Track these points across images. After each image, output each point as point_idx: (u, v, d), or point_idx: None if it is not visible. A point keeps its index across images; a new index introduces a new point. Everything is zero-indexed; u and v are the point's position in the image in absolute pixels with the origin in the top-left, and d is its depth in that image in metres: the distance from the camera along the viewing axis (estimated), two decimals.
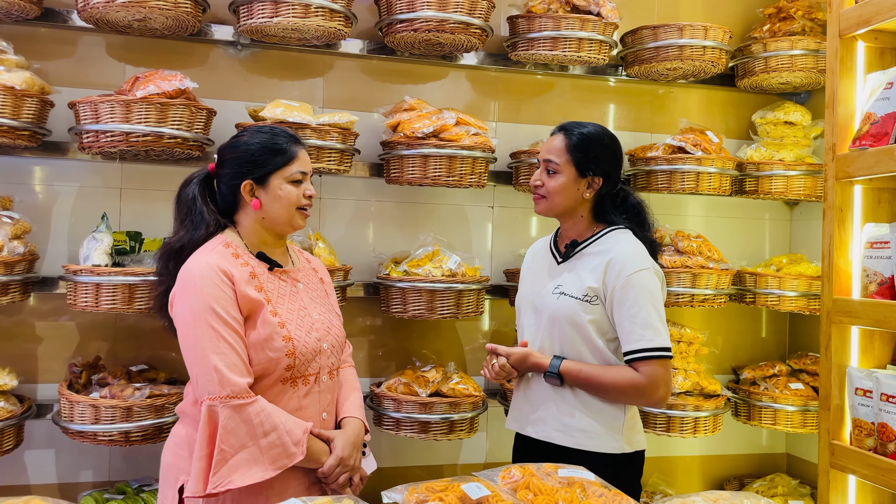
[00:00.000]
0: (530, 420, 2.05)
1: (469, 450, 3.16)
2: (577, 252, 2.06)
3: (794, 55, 3.05)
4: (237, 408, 1.64)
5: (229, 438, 1.63)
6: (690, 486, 3.40)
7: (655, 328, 1.90)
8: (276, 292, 1.79)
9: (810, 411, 3.05)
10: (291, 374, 1.76)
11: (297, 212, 1.84)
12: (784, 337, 3.55)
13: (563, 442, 1.97)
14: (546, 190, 2.04)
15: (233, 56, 2.92)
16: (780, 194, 3.13)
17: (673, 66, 3.00)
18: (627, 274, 1.93)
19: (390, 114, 2.86)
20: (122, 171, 2.79)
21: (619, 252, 1.97)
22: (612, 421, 1.97)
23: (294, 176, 1.83)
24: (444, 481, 1.32)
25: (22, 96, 2.37)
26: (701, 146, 3.00)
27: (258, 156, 1.82)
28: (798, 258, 3.25)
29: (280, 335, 1.73)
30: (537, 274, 2.15)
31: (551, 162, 2.03)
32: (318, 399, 1.82)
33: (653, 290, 1.94)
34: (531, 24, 2.85)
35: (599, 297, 1.96)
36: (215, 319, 1.67)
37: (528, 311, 2.11)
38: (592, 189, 2.04)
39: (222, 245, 1.80)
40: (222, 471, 1.61)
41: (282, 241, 1.92)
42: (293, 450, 1.67)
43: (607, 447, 1.96)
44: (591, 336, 1.96)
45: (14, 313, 2.70)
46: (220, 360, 1.65)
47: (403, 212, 3.09)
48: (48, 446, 2.71)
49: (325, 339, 1.84)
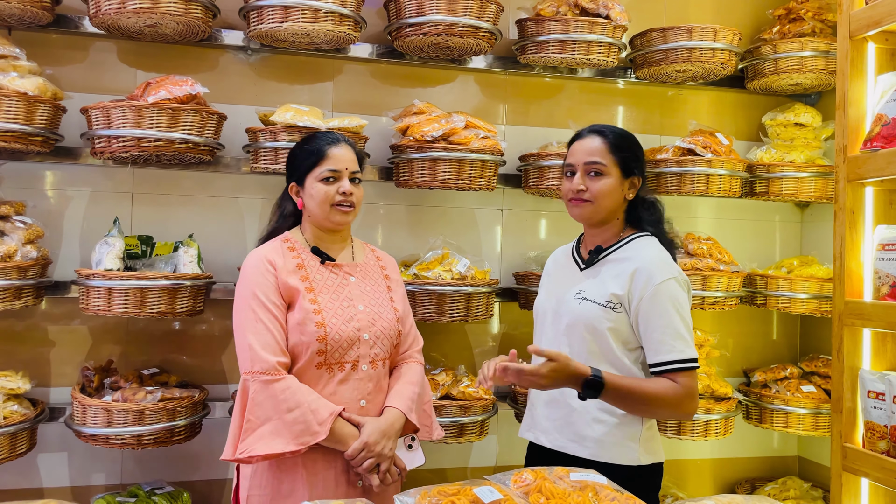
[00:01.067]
0: (544, 429, 2.00)
1: (479, 453, 3.16)
2: (601, 258, 2.00)
3: (805, 56, 3.04)
4: (265, 383, 1.79)
5: (256, 410, 1.78)
6: (701, 490, 3.39)
7: (684, 339, 1.86)
8: (321, 283, 1.93)
9: (822, 414, 3.04)
10: (325, 360, 1.87)
11: (332, 209, 1.96)
12: (795, 339, 3.53)
13: (578, 453, 1.92)
14: (591, 194, 1.94)
15: (242, 61, 2.93)
16: (790, 196, 3.11)
17: (682, 68, 2.99)
18: (655, 283, 1.87)
19: (399, 117, 2.87)
20: (134, 176, 2.81)
21: (646, 261, 1.91)
22: (630, 431, 1.91)
23: (323, 174, 1.95)
24: (457, 485, 1.32)
25: (35, 102, 2.39)
26: (711, 148, 2.99)
27: (298, 159, 2.01)
28: (809, 260, 3.24)
29: (313, 321, 1.85)
30: (558, 280, 2.10)
31: (596, 163, 1.94)
32: (355, 386, 1.90)
33: (680, 300, 1.89)
34: (540, 28, 2.85)
35: (623, 305, 1.90)
36: (256, 303, 1.85)
37: (547, 317, 2.05)
38: (634, 189, 1.99)
39: (281, 240, 1.99)
40: (249, 439, 1.77)
41: (337, 236, 2.04)
42: (316, 428, 1.76)
43: (623, 458, 1.89)
44: (609, 344, 1.90)
45: (27, 317, 2.72)
46: (255, 340, 1.82)
47: (412, 215, 3.09)
48: (60, 449, 2.73)
49: (366, 329, 1.93)
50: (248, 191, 2.92)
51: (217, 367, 2.90)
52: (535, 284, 2.91)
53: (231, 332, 2.85)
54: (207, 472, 2.88)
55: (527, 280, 2.96)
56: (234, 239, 2.90)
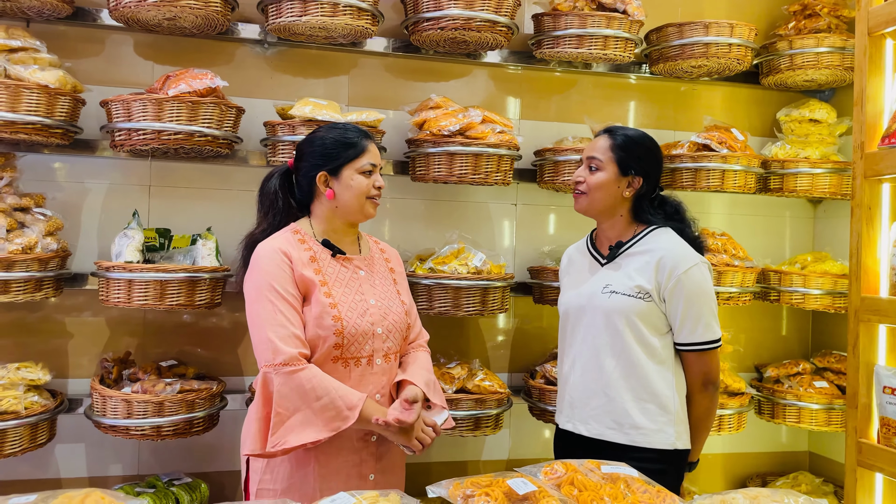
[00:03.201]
0: (583, 418, 2.09)
1: (492, 447, 3.18)
2: (622, 252, 2.11)
3: (820, 52, 3.04)
4: (289, 374, 1.77)
5: (283, 402, 1.77)
6: (713, 484, 3.41)
7: (706, 322, 2.03)
8: (334, 276, 1.92)
9: (835, 409, 3.05)
10: (341, 354, 1.87)
11: (367, 201, 1.97)
12: (807, 335, 3.54)
13: (617, 439, 2.03)
14: (587, 186, 2.11)
15: (259, 54, 2.94)
16: (805, 192, 3.12)
17: (698, 63, 2.99)
18: (679, 273, 2.02)
19: (416, 111, 2.87)
20: (152, 169, 2.82)
21: (667, 250, 2.05)
22: (667, 417, 2.03)
23: (364, 167, 1.96)
24: (489, 476, 1.33)
25: (55, 95, 2.39)
26: (726, 144, 2.99)
27: (332, 149, 1.97)
28: (823, 256, 3.24)
29: (330, 314, 1.85)
30: (580, 277, 2.19)
31: (594, 159, 2.10)
32: (371, 381, 1.91)
33: (703, 285, 2.05)
34: (557, 22, 2.85)
35: (652, 294, 2.02)
36: (274, 295, 1.83)
37: (577, 314, 2.14)
38: (632, 188, 2.10)
39: (291, 232, 1.96)
40: (280, 432, 1.76)
41: (353, 229, 2.04)
42: (347, 413, 1.77)
43: (661, 442, 2.01)
44: (642, 331, 2.03)
45: (45, 309, 2.73)
46: (275, 332, 1.80)
47: (427, 209, 3.10)
48: (78, 440, 2.75)
49: (379, 323, 1.93)
50: None
51: (233, 359, 2.91)
52: (549, 279, 2.92)
53: (246, 325, 2.88)
54: (223, 464, 2.90)
55: (541, 275, 2.97)
56: None
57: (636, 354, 2.02)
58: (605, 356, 2.05)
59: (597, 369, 2.06)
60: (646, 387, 2.02)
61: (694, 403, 2.07)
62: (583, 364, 2.10)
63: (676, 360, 2.08)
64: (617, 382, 2.03)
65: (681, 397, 2.06)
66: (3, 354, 2.66)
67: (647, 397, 2.02)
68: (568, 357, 2.16)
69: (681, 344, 2.05)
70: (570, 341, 2.15)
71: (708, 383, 2.06)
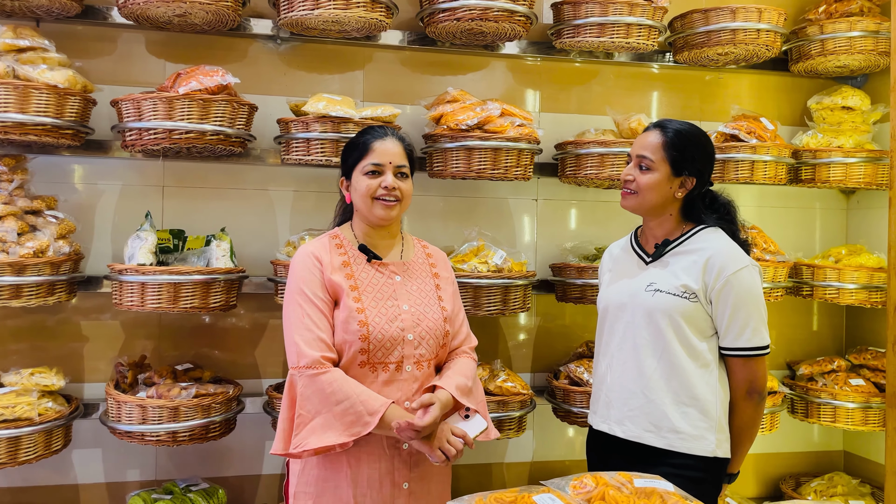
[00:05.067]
0: (618, 419, 2.01)
1: (515, 449, 3.10)
2: (668, 251, 2.02)
3: (853, 37, 2.92)
4: (311, 377, 1.79)
5: (306, 404, 1.79)
6: (745, 486, 3.30)
7: (755, 327, 1.93)
8: (366, 281, 1.91)
9: (872, 408, 2.93)
10: (368, 359, 1.85)
11: (374, 202, 1.92)
12: (840, 331, 3.42)
13: (654, 443, 1.94)
14: (637, 185, 2.00)
15: (272, 50, 2.88)
16: (838, 182, 3.00)
17: (725, 50, 2.89)
18: (728, 274, 1.92)
19: (432, 106, 2.79)
20: (164, 169, 2.77)
21: (717, 251, 1.95)
22: (706, 421, 1.93)
23: (366, 168, 1.93)
24: (513, 492, 1.26)
25: (65, 95, 2.35)
26: (755, 133, 2.88)
27: (345, 152, 2.00)
28: (858, 249, 3.12)
29: (356, 319, 1.84)
30: (623, 274, 2.10)
31: (645, 158, 1.99)
32: (399, 387, 1.87)
33: (753, 289, 1.94)
34: (577, 11, 2.76)
35: (698, 295, 1.93)
36: (303, 298, 1.85)
37: (617, 312, 2.05)
38: (685, 189, 2.00)
39: (330, 237, 1.99)
40: (302, 433, 1.78)
41: (385, 231, 1.99)
42: (367, 419, 1.76)
43: (699, 449, 1.92)
44: (685, 332, 1.94)
45: (59, 312, 2.70)
46: (301, 335, 1.82)
47: (446, 206, 3.02)
48: (95, 445, 2.71)
49: (410, 329, 1.89)
50: (279, 183, 2.87)
51: (250, 361, 2.86)
52: (572, 276, 2.83)
53: (262, 327, 2.85)
54: (240, 468, 2.85)
55: (564, 272, 2.88)
56: (265, 232, 2.85)
57: (678, 356, 1.93)
58: (645, 356, 1.96)
59: (636, 369, 1.97)
60: (687, 390, 1.92)
61: (737, 412, 1.96)
62: (622, 363, 2.00)
63: (721, 365, 1.98)
64: (657, 384, 1.94)
65: (723, 404, 1.96)
66: (18, 359, 2.63)
67: (688, 401, 1.92)
68: (605, 356, 2.07)
69: (726, 348, 1.95)
70: (609, 339, 2.06)
71: (753, 392, 1.95)
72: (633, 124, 2.86)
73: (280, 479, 2.89)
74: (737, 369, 1.96)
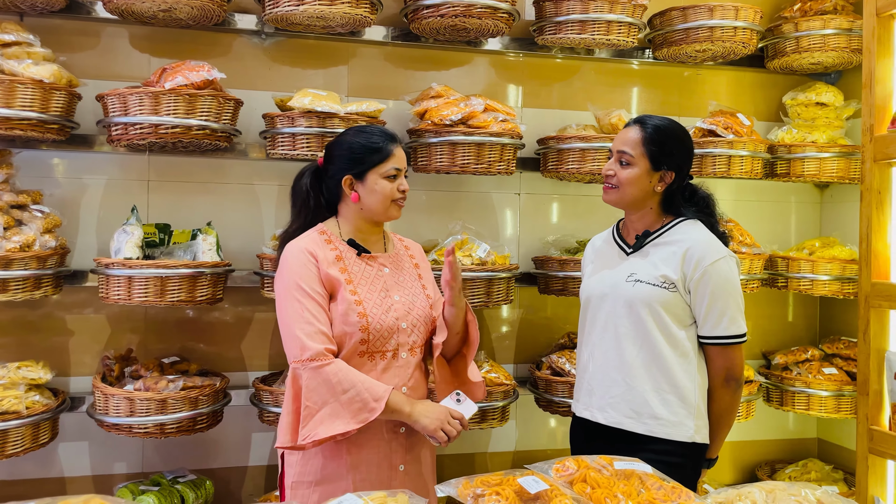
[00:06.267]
0: (600, 406, 2.06)
1: (498, 438, 3.15)
2: (648, 242, 2.07)
3: (827, 35, 2.99)
4: (316, 369, 1.83)
5: (312, 396, 1.83)
6: (722, 473, 3.38)
7: (732, 316, 1.99)
8: (359, 275, 1.97)
9: (844, 396, 3.02)
10: (367, 349, 1.92)
11: (392, 204, 2.00)
12: (814, 321, 3.51)
13: (635, 429, 2.00)
14: (618, 180, 2.05)
15: (256, 45, 2.89)
16: (812, 177, 3.08)
17: (702, 47, 2.95)
18: (706, 264, 1.98)
19: (417, 101, 2.83)
20: (150, 164, 2.78)
21: (695, 242, 2.01)
22: (685, 408, 1.99)
23: (389, 172, 1.98)
24: (499, 475, 1.30)
25: (50, 89, 2.35)
26: (732, 129, 2.95)
27: (358, 153, 1.99)
28: (831, 241, 3.20)
29: (355, 311, 1.90)
30: (605, 265, 2.15)
31: (625, 153, 2.04)
32: (396, 374, 1.95)
33: (731, 279, 2.00)
34: (559, 7, 2.80)
35: (677, 285, 1.99)
36: (300, 293, 1.88)
37: (599, 302, 2.11)
38: (664, 183, 2.06)
39: (317, 232, 2.01)
40: (310, 424, 1.82)
41: (378, 228, 2.08)
42: (373, 405, 1.82)
43: (679, 435, 1.98)
44: (665, 321, 1.99)
45: (45, 306, 2.71)
46: (302, 329, 1.85)
47: (429, 200, 3.06)
48: (81, 438, 2.73)
49: (404, 318, 1.97)
50: (265, 177, 2.89)
51: (236, 354, 2.89)
52: (554, 269, 2.88)
53: (248, 320, 2.87)
54: (228, 460, 2.88)
55: (546, 265, 2.93)
56: (251, 226, 2.88)
57: (659, 344, 1.99)
58: (626, 344, 2.02)
59: (618, 357, 2.03)
60: (667, 377, 1.98)
61: (715, 398, 2.03)
62: (603, 352, 2.06)
63: (700, 353, 2.04)
64: (638, 371, 2.00)
65: (702, 391, 2.02)
66: (4, 353, 2.63)
67: (667, 388, 1.98)
68: (587, 345, 2.13)
69: (704, 337, 2.02)
70: (591, 329, 2.12)
71: (730, 379, 2.02)
72: (613, 120, 2.92)
73: (266, 470, 2.92)
74: (714, 357, 2.02)
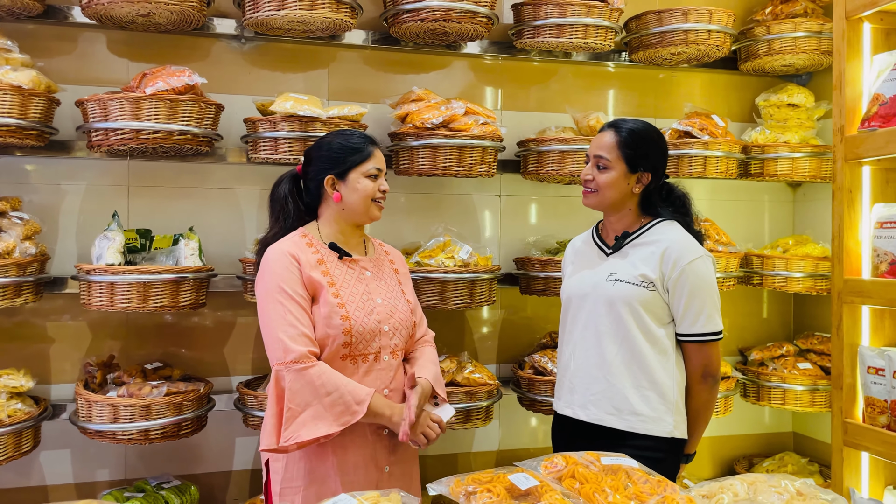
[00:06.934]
0: (582, 404, 2.10)
1: (482, 438, 3.18)
2: (627, 242, 2.12)
3: (798, 37, 3.06)
4: (299, 371, 1.83)
5: (295, 398, 1.83)
6: (701, 468, 3.44)
7: (709, 314, 2.04)
8: (341, 277, 1.98)
9: (819, 390, 3.09)
10: (350, 352, 1.93)
11: (373, 204, 2.04)
12: (788, 317, 3.59)
13: (616, 425, 2.04)
14: (597, 184, 2.10)
15: (236, 49, 2.89)
16: (785, 176, 3.15)
17: (678, 50, 3.00)
18: (684, 263, 2.02)
19: (398, 105, 2.85)
20: (130, 169, 2.77)
21: (673, 242, 2.05)
22: (664, 404, 2.04)
23: (370, 171, 2.02)
24: (489, 472, 1.33)
25: (29, 95, 2.34)
26: (707, 130, 3.01)
27: (339, 153, 2.02)
28: (804, 239, 3.28)
29: (338, 314, 1.91)
30: (585, 266, 2.19)
31: (602, 158, 2.08)
32: (378, 376, 1.96)
33: (707, 277, 2.05)
34: (537, 12, 2.84)
35: (656, 284, 2.03)
36: (283, 296, 1.89)
37: (579, 301, 2.15)
38: (641, 184, 2.11)
39: (299, 235, 2.02)
40: (292, 426, 1.82)
41: (359, 231, 2.11)
42: (355, 408, 1.84)
43: (658, 430, 2.03)
44: (644, 320, 2.03)
45: (24, 314, 2.68)
46: (285, 332, 1.86)
47: (411, 203, 3.08)
48: (63, 446, 2.71)
49: (386, 321, 1.99)
50: (246, 182, 2.89)
51: (218, 359, 2.88)
52: (535, 269, 2.92)
53: (231, 325, 2.87)
54: (213, 465, 2.87)
55: (528, 265, 2.97)
56: (233, 230, 2.88)
57: (638, 342, 2.03)
58: (607, 342, 2.06)
59: (598, 355, 2.07)
60: (647, 374, 2.03)
61: (693, 395, 2.08)
62: (584, 350, 2.10)
63: (678, 350, 2.09)
64: (618, 369, 2.04)
65: (680, 388, 2.07)
66: None
67: (647, 385, 2.03)
68: (569, 344, 2.17)
69: (682, 335, 2.06)
70: (572, 328, 2.16)
71: (707, 375, 2.07)
72: (591, 122, 2.96)
73: (251, 474, 2.92)
74: (692, 354, 2.07)
